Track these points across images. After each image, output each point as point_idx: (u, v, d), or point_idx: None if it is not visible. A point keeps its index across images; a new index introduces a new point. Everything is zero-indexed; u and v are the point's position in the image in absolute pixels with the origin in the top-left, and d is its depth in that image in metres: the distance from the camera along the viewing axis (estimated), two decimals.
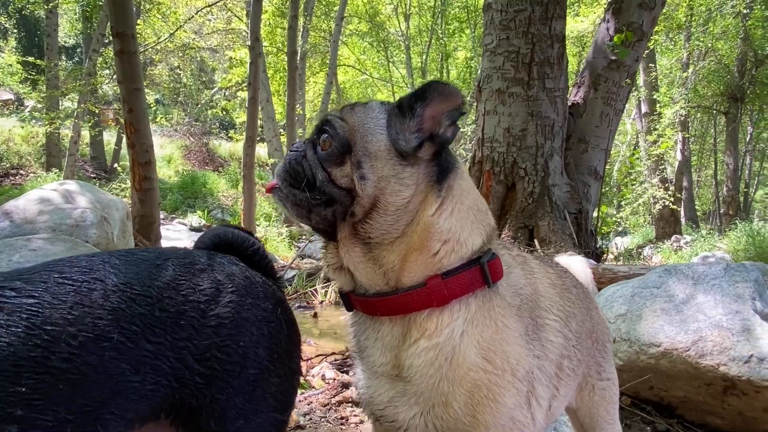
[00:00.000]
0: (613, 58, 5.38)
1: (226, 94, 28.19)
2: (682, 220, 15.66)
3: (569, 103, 5.50)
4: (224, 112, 28.02)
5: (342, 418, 2.21)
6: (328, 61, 23.10)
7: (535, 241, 4.89)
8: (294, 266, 9.28)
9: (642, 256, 10.83)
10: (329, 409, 2.28)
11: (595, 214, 5.75)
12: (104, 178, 18.66)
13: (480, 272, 0.95)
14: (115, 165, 18.71)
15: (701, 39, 14.49)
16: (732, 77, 15.67)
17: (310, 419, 2.15)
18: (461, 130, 15.16)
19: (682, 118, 14.36)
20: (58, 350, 0.78)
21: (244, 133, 29.68)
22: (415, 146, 0.96)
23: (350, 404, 2.33)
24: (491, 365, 0.92)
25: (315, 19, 20.29)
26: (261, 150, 21.69)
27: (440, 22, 21.86)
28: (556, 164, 5.23)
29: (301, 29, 15.67)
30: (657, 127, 13.31)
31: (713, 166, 20.18)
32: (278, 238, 12.40)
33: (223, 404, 0.91)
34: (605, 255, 5.78)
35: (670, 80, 15.00)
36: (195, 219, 15.65)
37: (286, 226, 13.20)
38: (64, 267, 0.87)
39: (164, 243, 8.68)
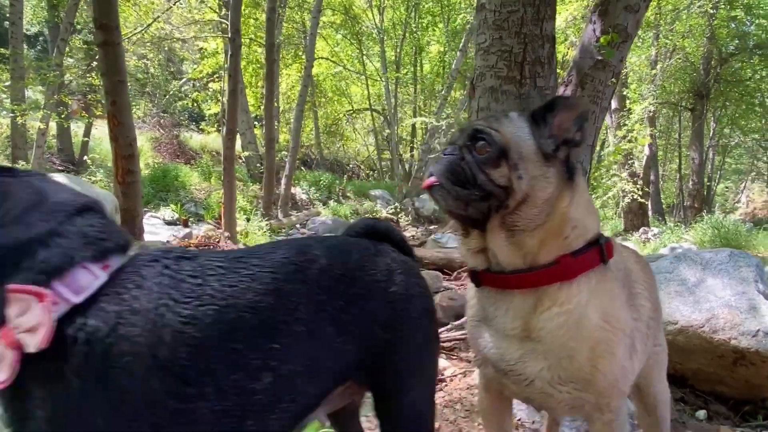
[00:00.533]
0: (600, 58, 5.64)
1: (197, 85, 27.78)
2: (650, 212, 16.34)
3: None
4: (194, 104, 27.58)
5: None
6: (301, 53, 23.00)
7: None
8: None
9: None
10: None
11: None
12: (72, 170, 18.21)
13: (599, 252, 1.17)
14: (85, 157, 18.30)
15: (669, 37, 15.10)
16: (698, 75, 16.38)
17: None
18: (436, 123, 15.33)
19: (651, 114, 14.97)
20: (297, 316, 0.97)
21: (215, 125, 29.12)
22: (553, 149, 1.16)
23: None
24: (609, 326, 1.14)
25: (288, 11, 20.19)
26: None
27: (414, 15, 22.02)
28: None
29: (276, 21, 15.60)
30: (626, 122, 13.83)
31: (678, 161, 21.06)
32: (259, 232, 12.43)
33: (400, 365, 1.12)
34: None
35: (639, 77, 15.58)
36: (168, 213, 15.44)
37: (266, 221, 13.19)
38: (282, 250, 1.04)
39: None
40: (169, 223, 14.27)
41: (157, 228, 13.29)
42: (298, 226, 14.25)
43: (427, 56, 24.41)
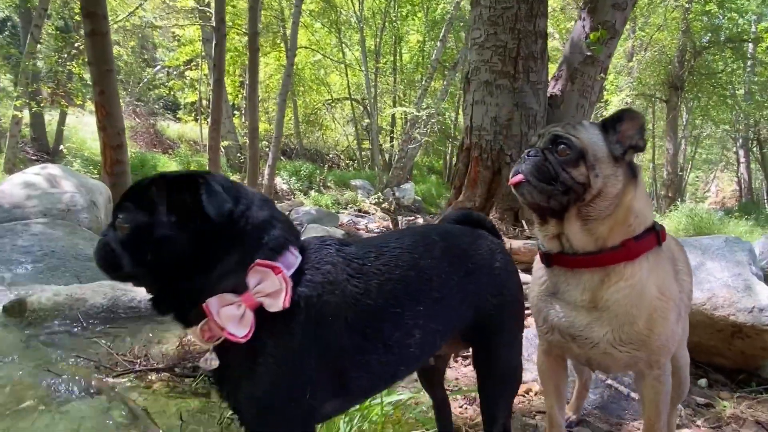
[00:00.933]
0: (589, 54, 5.88)
1: (172, 73, 27.30)
2: None
3: (548, 95, 5.98)
4: (170, 93, 27.13)
5: None
6: (279, 42, 22.81)
7: (523, 222, 5.36)
8: None
9: None
10: None
11: None
12: (47, 160, 17.81)
13: (655, 236, 1.39)
14: (60, 147, 17.92)
15: (645, 30, 15.51)
16: (673, 67, 16.89)
17: None
18: (417, 113, 15.45)
19: (627, 105, 15.38)
20: (431, 285, 1.21)
21: (192, 114, 28.54)
22: (621, 153, 1.35)
23: None
24: (663, 297, 1.38)
25: None
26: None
27: (393, 4, 22.02)
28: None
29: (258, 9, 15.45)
30: (604, 113, 14.23)
31: (652, 152, 21.69)
32: None
33: (501, 326, 1.36)
34: None
35: (617, 69, 15.98)
36: None
37: None
38: (408, 236, 1.27)
39: None
40: None
41: None
42: None
43: (407, 46, 24.45)
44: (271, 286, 0.98)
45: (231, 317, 0.97)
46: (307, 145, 26.15)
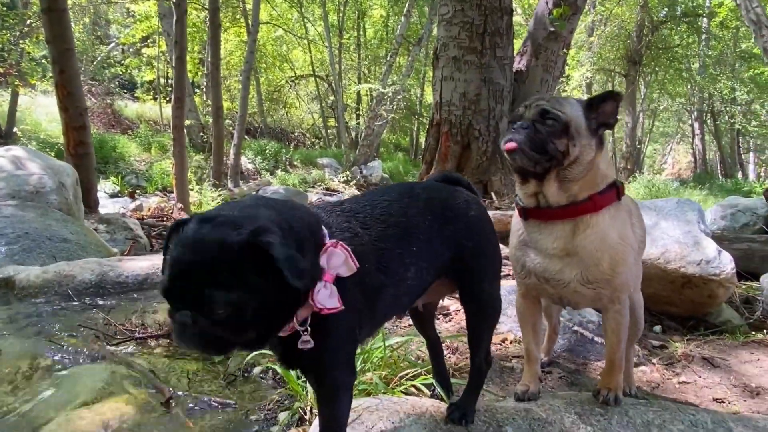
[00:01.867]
0: (552, 29, 6.10)
1: (127, 51, 26.39)
2: None
3: (514, 70, 6.18)
4: (126, 70, 26.27)
5: None
6: (239, 17, 22.32)
7: (492, 194, 5.59)
8: None
9: None
10: None
11: None
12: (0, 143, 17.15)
13: (616, 191, 1.64)
14: (14, 129, 17.26)
15: (605, 5, 15.87)
16: (631, 42, 17.37)
17: None
18: (383, 90, 15.41)
19: (588, 80, 15.79)
20: (419, 230, 1.42)
21: (151, 93, 27.67)
22: (596, 128, 1.58)
23: None
24: (623, 242, 1.63)
25: None
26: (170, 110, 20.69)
27: None
28: (506, 125, 5.93)
29: None
30: (566, 88, 14.58)
31: None
32: (213, 203, 12.38)
33: (480, 268, 1.55)
34: None
35: (578, 45, 16.33)
36: (108, 185, 14.94)
37: (219, 190, 13.04)
38: (395, 190, 1.47)
39: None
40: (112, 195, 13.88)
41: (103, 201, 12.92)
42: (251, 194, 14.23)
43: (371, 21, 24.26)
44: (338, 258, 1.16)
45: (325, 297, 1.14)
46: (271, 123, 25.82)
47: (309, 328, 1.16)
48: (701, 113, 23.69)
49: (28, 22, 13.44)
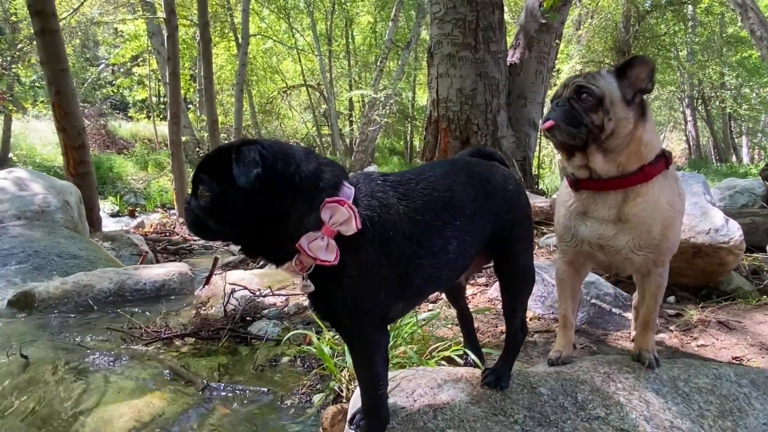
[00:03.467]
0: (544, 21, 6.18)
1: (117, 71, 26.43)
2: None
3: (508, 64, 6.26)
4: (118, 91, 26.31)
5: None
6: (227, 31, 22.41)
7: None
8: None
9: None
10: None
11: (534, 161, 6.64)
12: None
13: (664, 161, 1.69)
14: (9, 155, 17.29)
15: None
16: (619, 33, 17.54)
17: None
18: (375, 95, 15.40)
19: (577, 72, 15.90)
20: (463, 204, 1.45)
21: (144, 112, 27.56)
22: (632, 96, 1.62)
23: None
24: (672, 209, 1.70)
25: None
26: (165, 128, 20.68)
27: None
28: (503, 119, 5.99)
29: None
30: (556, 82, 14.69)
31: None
32: None
33: (517, 240, 1.58)
34: (546, 194, 6.72)
35: (567, 38, 16.46)
36: (108, 206, 14.96)
37: None
38: (438, 167, 1.52)
39: None
40: (112, 215, 13.91)
41: (105, 221, 12.94)
42: None
43: (358, 27, 24.38)
44: (342, 216, 1.22)
45: (319, 248, 1.21)
46: (265, 135, 25.90)
47: (307, 275, 1.26)
48: (692, 100, 23.87)
49: (18, 46, 13.49)
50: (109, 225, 11.39)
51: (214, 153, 1.29)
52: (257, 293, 3.18)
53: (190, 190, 1.32)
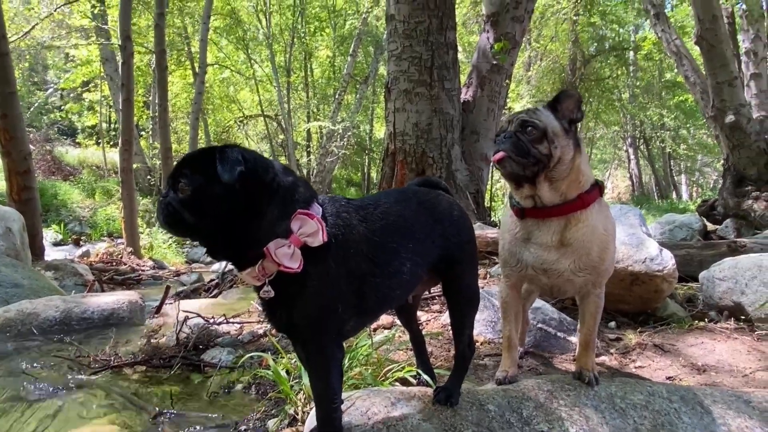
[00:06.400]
0: (495, 62, 6.51)
1: (66, 96, 25.77)
2: None
3: (462, 101, 6.52)
4: (67, 116, 25.60)
5: None
6: (184, 59, 22.29)
7: None
8: (185, 270, 9.33)
9: None
10: None
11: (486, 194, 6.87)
12: None
13: (598, 190, 1.84)
14: None
15: (540, 42, 16.89)
16: (566, 74, 18.51)
17: None
18: (333, 127, 15.56)
19: (518, 110, 16.56)
20: (414, 228, 1.57)
21: (94, 138, 26.80)
22: (568, 126, 1.76)
23: None
24: (607, 233, 1.84)
25: (169, 16, 19.48)
26: (115, 155, 20.12)
27: (301, 20, 22.24)
28: (457, 153, 6.21)
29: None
30: None
31: None
32: (164, 245, 12.10)
33: (463, 261, 1.67)
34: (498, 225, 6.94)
35: (517, 79, 17.23)
36: (51, 234, 14.34)
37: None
38: (391, 194, 1.64)
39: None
40: (55, 244, 13.34)
41: (48, 249, 12.38)
42: None
43: (317, 61, 24.72)
44: (310, 228, 1.30)
45: (285, 255, 1.27)
46: None
47: (268, 280, 1.32)
48: (635, 139, 25.21)
49: None
50: (51, 254, 10.89)
51: (197, 152, 1.37)
52: (211, 321, 3.15)
53: (163, 188, 1.41)
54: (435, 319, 3.00)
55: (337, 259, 1.35)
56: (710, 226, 8.65)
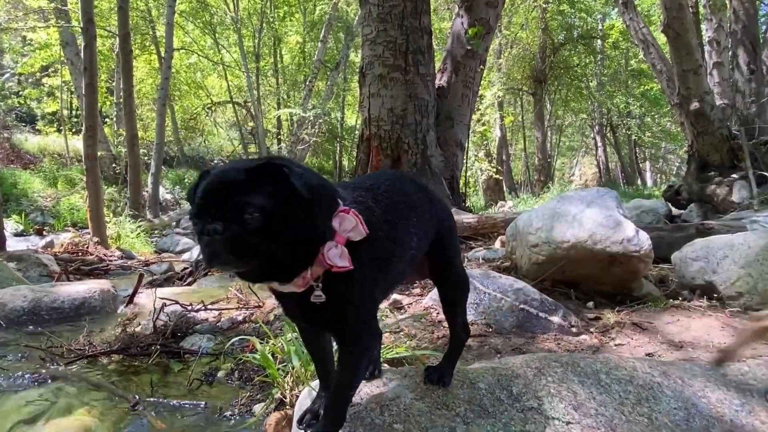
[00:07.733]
0: (469, 48, 6.50)
1: (24, 81, 24.75)
2: (505, 188, 18.35)
3: (436, 87, 6.51)
4: (25, 102, 24.61)
5: None
6: (148, 44, 21.63)
7: None
8: (155, 260, 9.13)
9: None
10: None
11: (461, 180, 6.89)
12: None
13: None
14: None
15: (510, 29, 16.99)
16: (536, 62, 18.69)
17: None
18: (304, 114, 15.33)
19: (500, 99, 16.73)
20: (416, 207, 1.56)
21: (55, 125, 25.98)
22: None
23: None
24: None
25: None
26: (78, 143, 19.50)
27: (270, 5, 21.78)
28: (432, 138, 6.20)
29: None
30: (480, 107, 15.37)
31: (522, 141, 23.69)
32: (132, 235, 11.79)
33: (453, 246, 1.69)
34: (473, 211, 6.99)
35: (488, 66, 17.28)
36: (11, 224, 13.85)
37: (138, 221, 12.40)
38: (389, 176, 1.61)
39: None
40: (16, 234, 12.89)
41: (10, 240, 11.95)
42: (173, 225, 13.73)
43: (287, 47, 24.31)
44: (350, 223, 1.29)
45: (335, 255, 1.25)
46: (188, 152, 25.07)
47: (320, 285, 1.27)
48: (602, 127, 25.65)
49: None
50: (13, 245, 10.51)
51: (241, 176, 1.19)
52: (189, 308, 3.09)
53: (207, 222, 1.17)
54: (417, 302, 3.00)
55: (368, 245, 1.33)
56: (675, 211, 8.88)
